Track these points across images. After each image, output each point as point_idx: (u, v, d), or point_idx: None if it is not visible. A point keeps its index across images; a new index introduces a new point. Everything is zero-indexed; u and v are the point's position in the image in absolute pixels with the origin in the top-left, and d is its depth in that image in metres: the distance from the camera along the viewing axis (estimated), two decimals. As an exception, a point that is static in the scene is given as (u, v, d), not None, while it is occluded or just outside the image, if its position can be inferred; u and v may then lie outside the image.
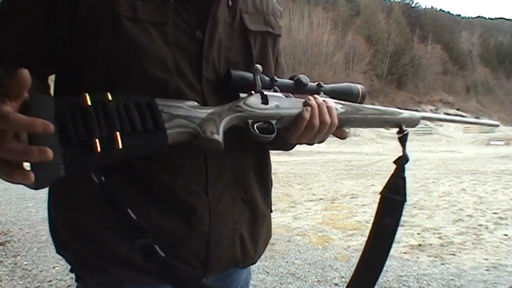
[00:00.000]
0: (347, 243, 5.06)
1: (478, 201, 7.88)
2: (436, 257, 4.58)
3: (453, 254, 4.70)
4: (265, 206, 1.06)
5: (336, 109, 1.00)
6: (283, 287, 3.64)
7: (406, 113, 1.22)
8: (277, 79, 0.96)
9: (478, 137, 42.41)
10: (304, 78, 1.00)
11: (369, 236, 1.16)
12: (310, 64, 44.12)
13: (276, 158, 14.50)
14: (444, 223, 6.16)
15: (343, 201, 7.80)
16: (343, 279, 3.82)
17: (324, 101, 0.98)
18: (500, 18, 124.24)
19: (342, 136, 1.06)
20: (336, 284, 3.71)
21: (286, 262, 4.27)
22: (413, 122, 1.24)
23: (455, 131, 48.92)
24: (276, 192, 8.16)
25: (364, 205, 7.41)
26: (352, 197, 8.18)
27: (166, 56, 0.84)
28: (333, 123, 0.97)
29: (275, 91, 0.95)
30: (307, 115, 0.93)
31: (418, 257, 4.57)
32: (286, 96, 0.96)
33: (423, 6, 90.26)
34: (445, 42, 73.70)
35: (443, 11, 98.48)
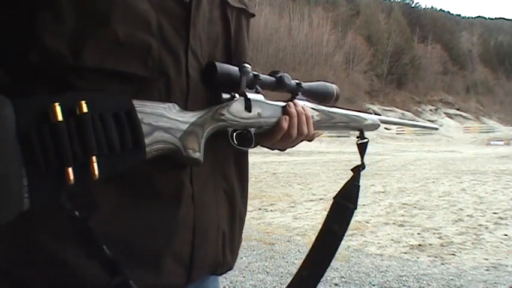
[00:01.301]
0: (347, 243, 5.05)
1: (478, 201, 7.88)
2: (436, 257, 4.57)
3: (453, 254, 4.70)
4: (242, 204, 0.96)
5: (312, 117, 0.99)
6: (282, 287, 3.64)
7: (369, 119, 1.23)
8: (260, 76, 0.91)
9: (478, 137, 42.42)
10: (287, 78, 0.97)
11: (315, 241, 1.14)
12: (310, 64, 44.15)
13: (276, 158, 14.51)
14: (444, 223, 6.15)
15: (343, 201, 7.79)
16: (343, 279, 3.82)
17: (302, 107, 0.96)
18: (500, 18, 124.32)
19: (310, 139, 1.03)
20: (336, 284, 3.70)
21: (286, 262, 4.26)
22: (374, 127, 1.27)
23: (455, 131, 48.99)
24: (276, 192, 8.17)
25: (364, 205, 7.40)
26: (352, 197, 8.17)
27: (149, 15, 0.71)
28: (309, 134, 0.96)
29: (257, 91, 0.90)
30: (285, 125, 0.91)
31: (418, 257, 4.56)
32: (266, 100, 0.91)
33: (423, 6, 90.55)
34: (445, 42, 73.69)
35: (443, 11, 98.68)
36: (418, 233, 5.56)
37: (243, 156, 0.96)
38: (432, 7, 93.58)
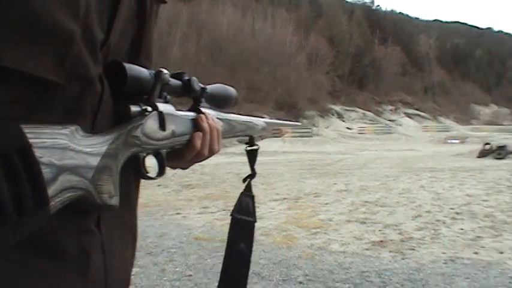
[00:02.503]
0: (311, 241, 5.13)
1: (436, 198, 8.11)
2: (396, 252, 4.70)
3: (413, 249, 4.83)
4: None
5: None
6: (248, 287, 3.66)
7: (260, 124, 1.11)
8: (170, 81, 0.73)
9: (436, 135, 43.51)
10: (195, 82, 0.82)
11: (224, 263, 1.06)
12: (273, 64, 44.27)
13: (240, 158, 14.52)
14: (404, 219, 6.31)
15: (306, 200, 7.89)
16: (307, 277, 3.88)
17: (213, 119, 0.84)
18: (456, 22, 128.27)
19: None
20: (300, 282, 3.75)
21: (251, 262, 4.28)
22: (264, 131, 1.17)
23: (414, 130, 50.17)
24: (239, 193, 8.18)
25: (327, 203, 7.52)
26: (315, 196, 8.28)
27: None
28: (219, 151, 0.85)
29: (165, 99, 0.73)
30: (199, 144, 0.78)
31: (379, 253, 4.67)
32: (177, 111, 0.75)
33: (384, 9, 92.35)
34: (404, 44, 75.27)
35: (402, 14, 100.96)
36: (380, 230, 5.69)
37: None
38: (392, 10, 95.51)
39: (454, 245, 5.03)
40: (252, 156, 1.13)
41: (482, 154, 19.75)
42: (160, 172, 0.75)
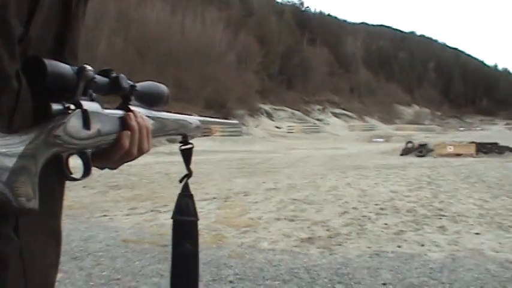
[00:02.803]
0: (241, 240, 5.12)
1: (362, 194, 8.40)
2: (324, 248, 4.79)
3: (340, 245, 4.96)
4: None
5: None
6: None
7: (193, 122, 1.09)
8: (96, 78, 0.69)
9: (362, 134, 45.27)
10: (123, 79, 0.77)
11: (172, 267, 1.03)
12: (202, 63, 43.98)
13: (167, 158, 14.32)
14: (331, 216, 6.47)
15: (236, 199, 7.89)
16: (237, 276, 3.86)
17: (142, 118, 0.79)
18: (381, 25, 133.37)
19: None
20: (230, 282, 3.73)
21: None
22: (198, 130, 1.13)
23: (341, 129, 51.81)
24: (168, 192, 8.03)
25: (256, 202, 7.56)
26: (244, 195, 8.31)
27: None
28: (149, 150, 0.81)
29: (91, 97, 0.69)
30: (127, 143, 0.73)
31: (308, 250, 4.75)
32: (103, 109, 0.72)
33: (313, 11, 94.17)
34: (332, 46, 77.50)
35: (330, 16, 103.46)
36: (308, 227, 5.78)
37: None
38: (321, 12, 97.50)
39: (378, 239, 5.22)
40: (186, 155, 1.08)
41: (405, 152, 20.80)
42: (86, 173, 0.70)
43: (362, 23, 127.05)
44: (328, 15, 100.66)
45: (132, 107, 0.79)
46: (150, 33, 42.40)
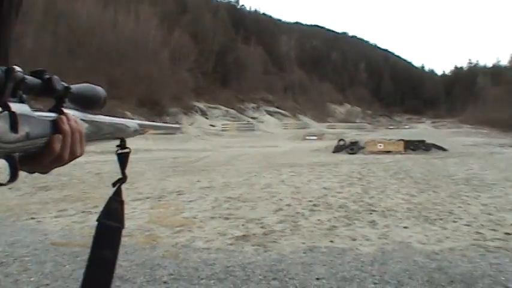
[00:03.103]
0: (175, 240, 5.06)
1: (295, 191, 8.55)
2: (259, 246, 4.84)
3: (274, 241, 5.03)
4: None
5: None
6: (109, 291, 3.48)
7: (132, 126, 1.07)
8: (27, 79, 0.66)
9: (295, 132, 46.04)
10: (56, 80, 0.73)
11: (86, 272, 0.98)
12: (136, 60, 42.91)
13: (99, 157, 13.87)
14: (266, 213, 6.54)
15: (170, 198, 7.79)
16: (172, 276, 3.81)
17: (75, 121, 0.77)
18: (315, 25, 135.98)
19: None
20: (165, 282, 3.68)
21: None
22: (136, 133, 1.12)
23: (275, 127, 52.44)
24: (100, 193, 7.79)
25: (191, 201, 7.50)
26: (179, 194, 8.22)
27: None
28: (82, 155, 0.79)
29: (21, 99, 0.66)
30: (58, 147, 0.71)
31: (243, 247, 4.77)
32: (33, 112, 0.68)
33: (248, 9, 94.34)
34: (266, 44, 78.07)
35: (265, 14, 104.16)
36: (243, 225, 5.82)
37: None
38: (256, 10, 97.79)
39: (312, 235, 5.34)
40: (123, 159, 1.05)
41: (337, 149, 21.39)
42: (12, 178, 0.66)
43: (296, 22, 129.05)
44: (263, 14, 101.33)
45: (65, 110, 0.76)
46: (80, 28, 40.77)
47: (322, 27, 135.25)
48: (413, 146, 20.96)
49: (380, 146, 20.75)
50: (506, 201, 7.70)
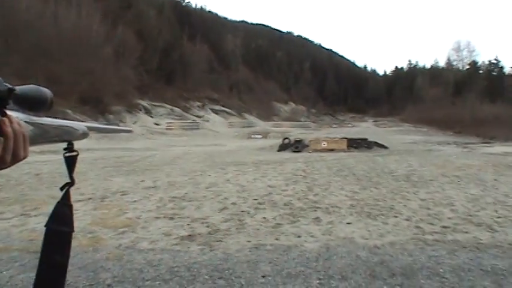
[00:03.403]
0: (118, 241, 4.96)
1: (241, 190, 8.59)
2: (205, 245, 4.83)
3: (220, 240, 5.04)
4: None
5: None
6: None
7: (80, 129, 1.07)
8: None
9: (241, 131, 46.21)
10: (0, 83, 0.72)
11: (36, 279, 0.96)
12: (77, 55, 41.50)
13: (39, 157, 13.34)
14: (211, 212, 6.54)
15: (113, 199, 7.62)
16: (115, 278, 3.74)
17: (18, 124, 0.75)
18: (260, 24, 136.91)
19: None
20: (108, 285, 3.60)
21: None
22: (85, 136, 1.11)
23: (220, 126, 52.35)
24: (40, 195, 7.52)
25: (135, 201, 7.37)
26: (122, 194, 8.06)
27: None
28: (25, 157, 0.78)
29: None
30: None
31: (188, 247, 4.75)
32: None
33: (193, 6, 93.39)
34: (212, 42, 77.78)
35: (211, 12, 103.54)
36: (188, 224, 5.79)
37: None
38: (202, 8, 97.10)
39: (257, 233, 5.39)
40: (70, 163, 1.03)
41: (282, 148, 21.63)
42: None
43: (242, 21, 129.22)
44: (209, 11, 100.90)
45: (8, 112, 0.73)
46: (18, 21, 38.96)
47: (267, 27, 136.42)
48: (356, 144, 21.52)
49: (324, 144, 21.15)
50: (443, 196, 8.08)
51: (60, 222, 0.98)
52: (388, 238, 5.21)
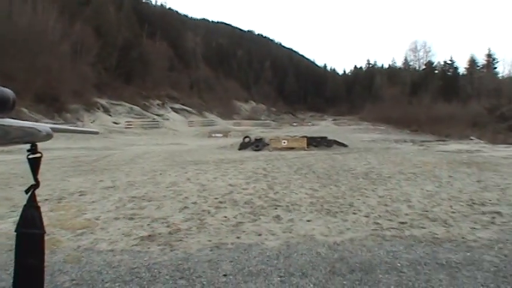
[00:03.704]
0: (77, 243, 4.86)
1: (201, 189, 8.55)
2: (165, 245, 4.79)
3: (181, 240, 5.01)
4: None
5: None
6: (4, 300, 3.28)
7: (43, 130, 1.06)
8: None
9: (201, 130, 45.96)
10: None
11: (13, 284, 0.97)
12: (33, 52, 40.24)
13: (-7, 155, 12.89)
14: (172, 212, 6.49)
15: (71, 199, 7.45)
16: (74, 281, 3.66)
17: None
18: (221, 22, 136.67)
19: None
20: None
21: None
22: (48, 137, 1.10)
23: (180, 124, 51.93)
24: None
25: (93, 202, 7.23)
26: (80, 195, 7.89)
27: None
28: None
29: None
30: None
31: (149, 248, 4.70)
32: None
33: (153, 3, 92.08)
34: (172, 40, 76.89)
35: (171, 9, 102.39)
36: (148, 224, 5.73)
37: None
38: (162, 5, 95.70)
39: (218, 232, 5.39)
40: (34, 164, 1.05)
41: (243, 146, 21.65)
42: None
43: (203, 19, 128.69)
44: (169, 9, 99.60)
45: None
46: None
47: (228, 25, 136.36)
48: (315, 142, 21.79)
49: (284, 142, 21.32)
50: (401, 192, 8.30)
51: (30, 225, 0.99)
52: (348, 235, 5.31)
